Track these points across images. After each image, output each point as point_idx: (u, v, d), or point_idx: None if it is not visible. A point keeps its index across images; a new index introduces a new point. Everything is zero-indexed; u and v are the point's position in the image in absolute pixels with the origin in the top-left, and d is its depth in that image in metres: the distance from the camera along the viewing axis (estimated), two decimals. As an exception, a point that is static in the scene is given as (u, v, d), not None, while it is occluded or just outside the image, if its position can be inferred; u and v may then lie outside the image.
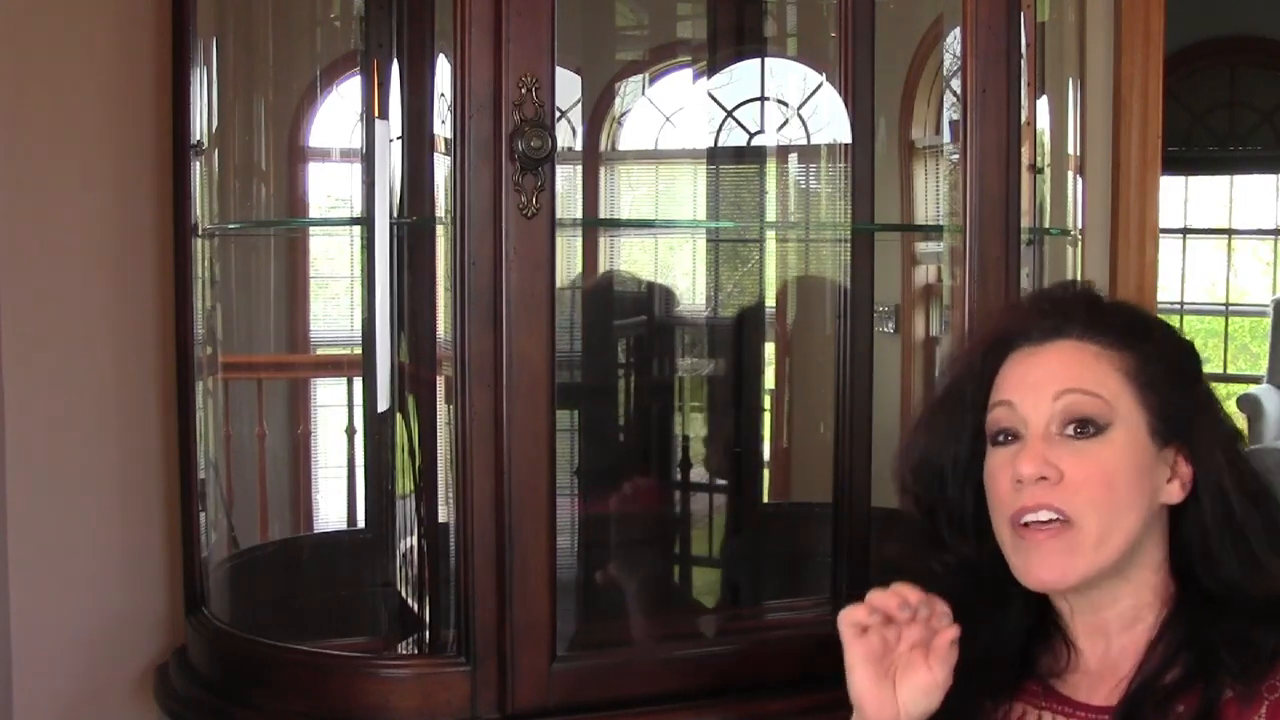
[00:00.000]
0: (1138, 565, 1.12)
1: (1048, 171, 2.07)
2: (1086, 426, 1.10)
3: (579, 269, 2.22)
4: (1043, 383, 1.12)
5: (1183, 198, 6.83)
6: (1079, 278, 2.15)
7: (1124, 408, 1.11)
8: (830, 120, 2.15)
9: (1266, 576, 1.10)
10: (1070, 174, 2.21)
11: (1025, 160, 1.81)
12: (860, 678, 1.12)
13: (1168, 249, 6.46)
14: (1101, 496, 1.08)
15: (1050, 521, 1.08)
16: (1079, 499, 1.08)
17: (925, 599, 1.11)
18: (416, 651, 1.82)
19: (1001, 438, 1.13)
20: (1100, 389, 1.11)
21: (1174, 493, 1.12)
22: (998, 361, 1.17)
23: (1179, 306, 6.89)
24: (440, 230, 1.70)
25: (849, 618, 1.12)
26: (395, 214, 1.94)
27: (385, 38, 2.01)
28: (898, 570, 1.19)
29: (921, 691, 1.11)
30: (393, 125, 1.98)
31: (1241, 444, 1.18)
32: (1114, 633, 1.14)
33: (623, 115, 2.54)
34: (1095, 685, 1.14)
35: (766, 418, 2.38)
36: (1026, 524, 1.09)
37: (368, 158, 1.99)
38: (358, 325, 2.08)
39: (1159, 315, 1.26)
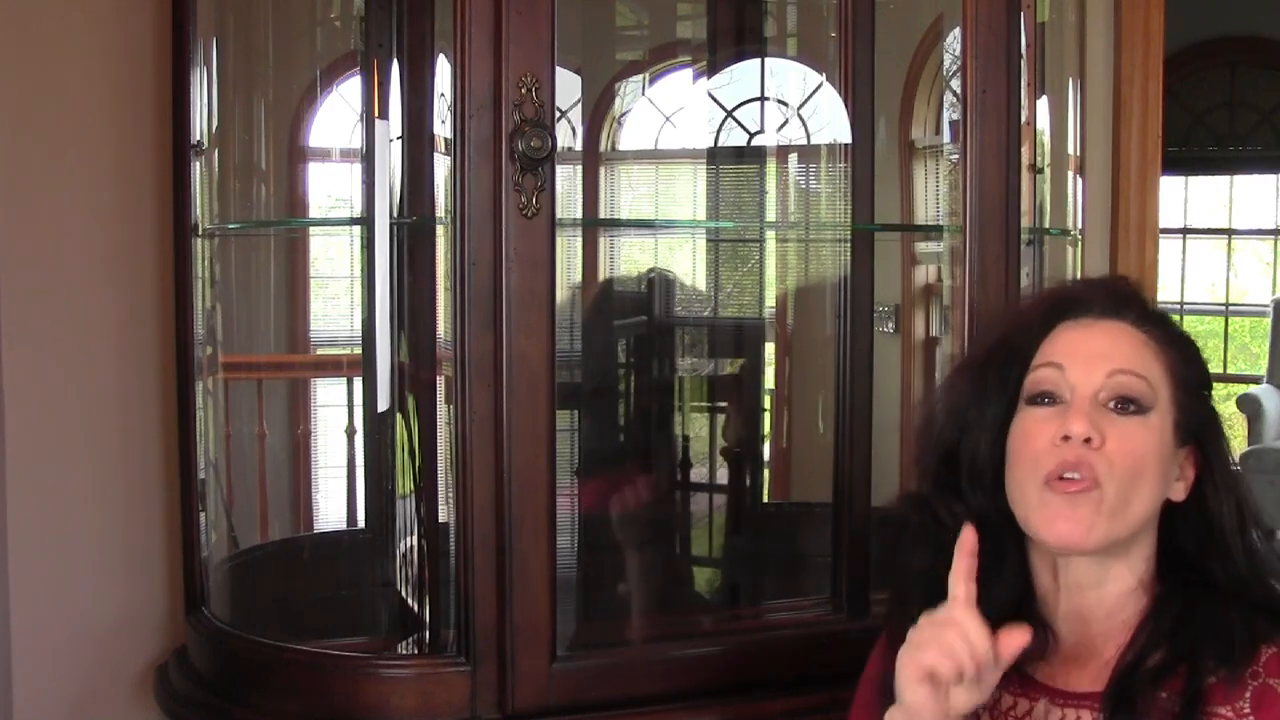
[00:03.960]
0: (1134, 551, 1.15)
1: (1048, 171, 2.07)
2: (1129, 405, 1.13)
3: (579, 269, 2.22)
4: (1096, 356, 1.15)
5: (1183, 198, 6.83)
6: (1076, 276, 2.15)
7: (1162, 398, 1.15)
8: (830, 120, 2.15)
9: (1265, 580, 1.14)
10: (1070, 174, 2.21)
11: (1025, 160, 1.81)
12: (915, 693, 1.09)
13: (1168, 249, 6.46)
14: (1131, 470, 1.11)
15: (1080, 480, 1.11)
16: (1112, 468, 1.11)
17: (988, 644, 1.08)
18: (416, 651, 1.82)
19: (1042, 399, 1.15)
20: (1148, 374, 1.15)
21: (1179, 491, 1.16)
22: (1049, 327, 1.19)
23: (1179, 306, 6.89)
24: (440, 230, 1.70)
25: (925, 663, 1.08)
26: (395, 214, 1.94)
27: (385, 38, 2.01)
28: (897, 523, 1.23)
29: (973, 702, 1.09)
30: (393, 125, 1.98)
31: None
32: (1094, 619, 1.16)
33: (623, 115, 2.54)
34: (1074, 671, 1.16)
35: (766, 418, 2.39)
36: (1058, 480, 1.11)
37: (368, 158, 1.99)
38: (358, 325, 2.08)
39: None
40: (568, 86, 1.73)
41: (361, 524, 2.20)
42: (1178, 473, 1.16)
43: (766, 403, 2.38)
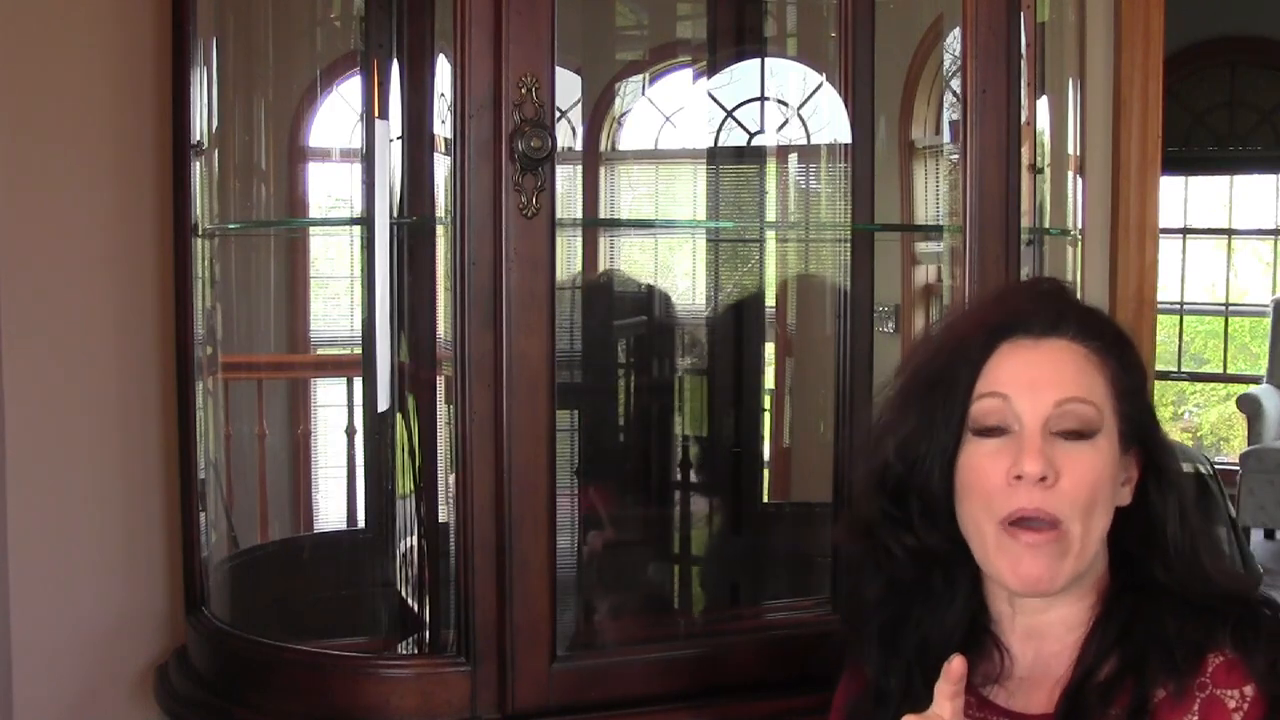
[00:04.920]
0: (1088, 570, 1.13)
1: (1048, 171, 2.07)
2: (1079, 433, 1.11)
3: (579, 269, 2.22)
4: (1042, 384, 1.11)
5: (1183, 198, 6.83)
6: (1075, 276, 2.16)
7: (1107, 415, 1.12)
8: (830, 120, 2.15)
9: (1206, 579, 1.12)
10: (1070, 174, 2.21)
11: (1025, 160, 1.81)
12: None
13: (1168, 249, 6.46)
14: (1086, 502, 1.09)
15: (1040, 524, 1.09)
16: (1068, 504, 1.09)
17: None
18: (416, 651, 1.82)
19: (989, 431, 1.12)
20: (1094, 396, 1.12)
21: (1125, 495, 1.15)
22: (989, 350, 1.15)
23: (1179, 306, 6.89)
24: (440, 230, 1.70)
25: None
26: (395, 214, 1.94)
27: (385, 38, 2.01)
28: (849, 553, 1.22)
29: None
30: (393, 125, 1.98)
31: None
32: (1051, 636, 1.15)
33: (623, 115, 2.54)
34: (1031, 692, 1.14)
35: (766, 418, 2.38)
36: (1017, 524, 1.09)
37: (368, 158, 1.99)
38: (358, 325, 2.08)
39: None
40: (568, 86, 1.73)
41: (361, 524, 2.20)
42: (1124, 477, 1.14)
43: (766, 403, 2.38)
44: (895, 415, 1.19)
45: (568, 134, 1.82)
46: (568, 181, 1.98)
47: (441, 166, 1.80)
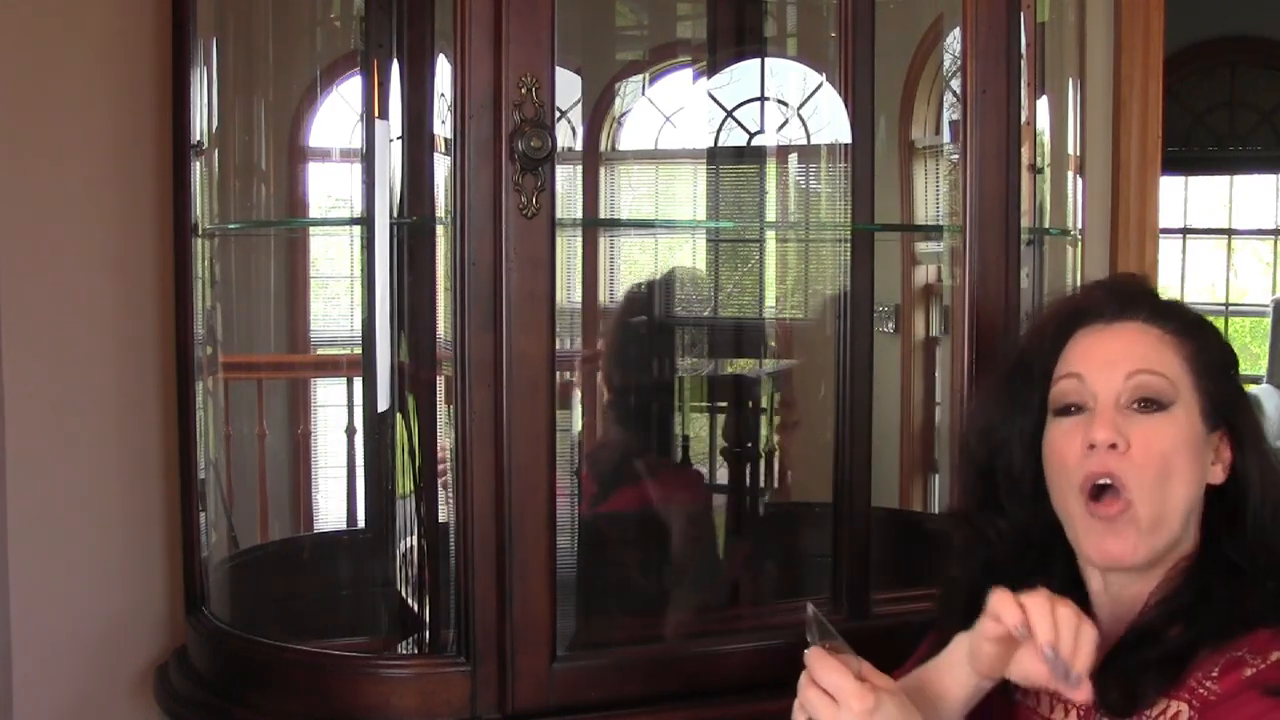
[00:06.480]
0: (1176, 549, 1.18)
1: (1048, 171, 2.07)
2: (1150, 404, 1.16)
3: (579, 269, 2.22)
4: (1114, 360, 1.18)
5: (1183, 198, 6.83)
6: (1076, 276, 2.15)
7: (1184, 389, 1.17)
8: (830, 120, 2.14)
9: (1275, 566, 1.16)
10: (1070, 174, 2.21)
11: (1025, 160, 1.81)
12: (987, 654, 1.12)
13: (1168, 249, 6.46)
14: (1159, 473, 1.14)
15: (1112, 490, 1.14)
16: (1140, 474, 1.14)
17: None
18: (416, 651, 1.82)
19: (1068, 409, 1.19)
20: (1166, 370, 1.17)
21: (1217, 474, 1.19)
22: (1065, 337, 1.23)
23: (1179, 307, 6.87)
24: (440, 230, 1.70)
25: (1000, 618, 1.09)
26: (395, 214, 1.94)
27: (385, 38, 2.01)
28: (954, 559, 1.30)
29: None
30: (393, 125, 1.98)
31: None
32: (1135, 611, 1.19)
33: (623, 115, 2.54)
34: None
35: (766, 418, 2.38)
36: (1098, 493, 1.15)
37: (368, 158, 1.99)
38: (358, 325, 2.08)
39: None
40: (568, 86, 1.73)
41: (361, 524, 2.20)
42: (1213, 457, 1.18)
43: (766, 403, 2.38)
44: (978, 407, 1.30)
45: (568, 134, 1.82)
46: (568, 181, 1.98)
47: (441, 166, 1.80)
